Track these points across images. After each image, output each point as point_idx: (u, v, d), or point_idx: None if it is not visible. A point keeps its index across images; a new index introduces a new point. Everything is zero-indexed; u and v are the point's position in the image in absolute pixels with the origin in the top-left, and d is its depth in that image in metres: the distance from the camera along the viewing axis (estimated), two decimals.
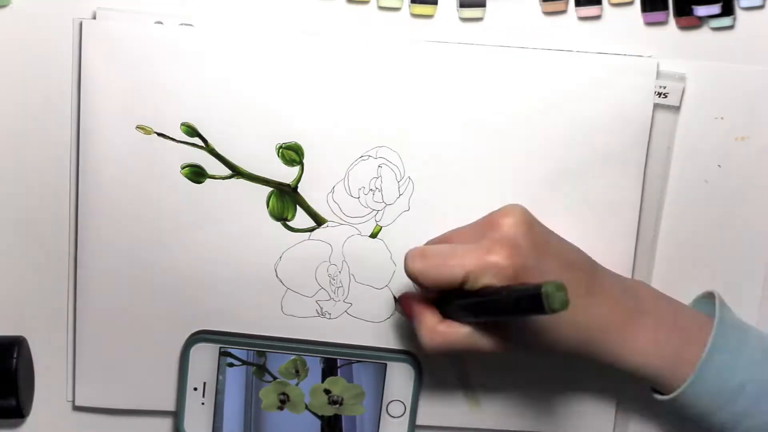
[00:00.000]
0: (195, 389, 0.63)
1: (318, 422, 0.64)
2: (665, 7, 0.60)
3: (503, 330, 0.55)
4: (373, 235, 0.62)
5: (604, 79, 0.60)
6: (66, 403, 0.65)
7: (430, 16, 0.61)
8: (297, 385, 0.63)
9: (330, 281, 0.63)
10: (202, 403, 0.63)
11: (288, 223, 0.62)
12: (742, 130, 0.62)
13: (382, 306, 0.63)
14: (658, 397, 0.58)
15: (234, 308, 0.63)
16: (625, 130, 0.61)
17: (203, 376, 0.63)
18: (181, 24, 0.60)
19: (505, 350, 0.55)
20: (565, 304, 0.46)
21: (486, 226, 0.55)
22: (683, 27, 0.61)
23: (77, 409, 0.65)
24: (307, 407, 0.64)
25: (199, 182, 0.61)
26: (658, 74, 0.60)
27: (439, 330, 0.55)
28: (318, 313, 0.63)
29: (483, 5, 0.60)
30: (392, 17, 0.61)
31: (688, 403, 0.56)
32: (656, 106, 0.61)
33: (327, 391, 0.63)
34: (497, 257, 0.52)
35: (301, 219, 0.62)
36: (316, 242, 0.62)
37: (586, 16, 0.61)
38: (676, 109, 0.61)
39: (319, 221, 0.62)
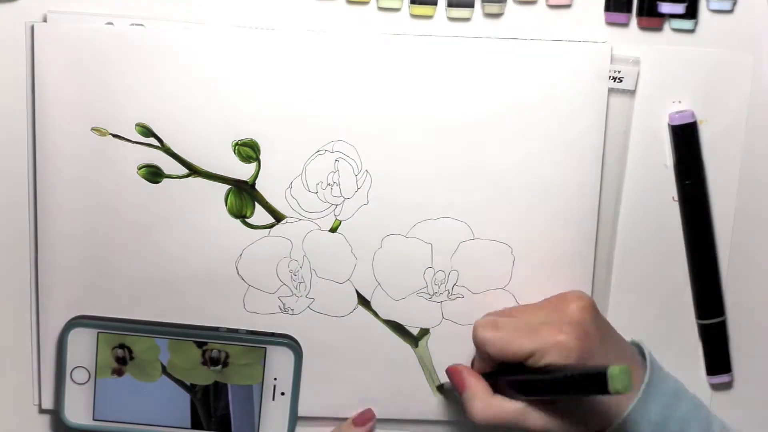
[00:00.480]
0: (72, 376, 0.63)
1: (185, 396, 0.64)
2: (629, 10, 0.60)
3: (552, 409, 0.56)
4: (333, 230, 0.62)
5: (558, 65, 0.60)
6: (33, 407, 0.65)
7: (429, 17, 0.61)
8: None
9: (291, 277, 0.63)
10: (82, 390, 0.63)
11: (247, 220, 0.62)
12: (700, 113, 0.61)
13: (344, 300, 0.63)
14: None
15: (196, 306, 0.63)
16: (582, 115, 0.61)
17: (81, 361, 0.63)
18: (132, 24, 0.60)
19: (553, 427, 0.57)
20: (627, 388, 0.49)
21: (553, 306, 0.58)
22: (644, 27, 0.61)
23: (44, 412, 0.65)
24: (164, 370, 0.63)
25: (157, 182, 0.61)
26: (612, 59, 0.60)
27: (493, 404, 0.57)
28: (281, 309, 0.63)
29: (471, 6, 0.60)
30: (392, 17, 0.61)
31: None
32: (611, 90, 0.61)
33: (202, 346, 0.62)
34: (567, 338, 0.55)
35: (260, 216, 0.62)
36: (276, 238, 0.62)
37: (555, 4, 0.60)
38: (632, 93, 0.61)
39: (278, 217, 0.62)
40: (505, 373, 0.58)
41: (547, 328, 0.56)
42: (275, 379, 0.63)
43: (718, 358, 0.65)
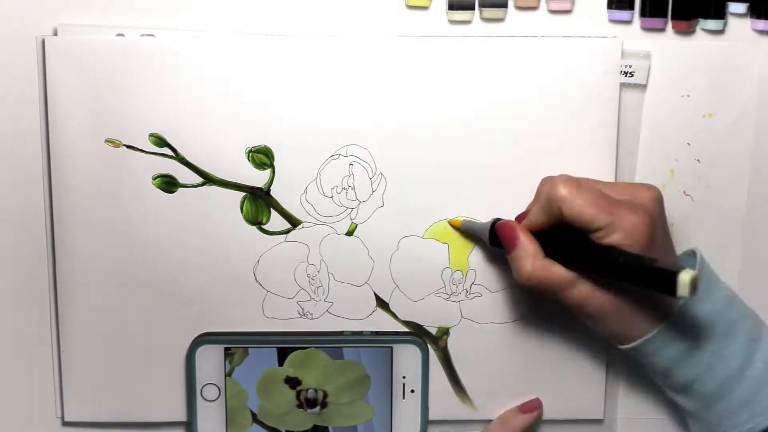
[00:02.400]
0: (202, 394, 0.63)
1: None
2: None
3: (603, 291, 0.55)
4: (349, 233, 0.62)
5: (569, 61, 0.60)
6: (55, 420, 0.65)
7: (425, 7, 0.61)
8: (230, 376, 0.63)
9: (309, 281, 0.63)
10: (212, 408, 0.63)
11: (263, 226, 0.62)
12: (708, 108, 0.62)
13: (363, 303, 0.63)
14: (623, 347, 0.57)
15: (216, 314, 0.63)
16: (594, 110, 0.61)
17: (210, 378, 0.63)
18: (143, 35, 0.60)
19: (601, 308, 0.55)
20: (691, 295, 0.48)
21: (625, 188, 0.57)
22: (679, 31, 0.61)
23: (66, 424, 0.65)
24: (255, 418, 0.63)
25: (172, 192, 0.61)
26: (623, 53, 0.60)
27: (545, 264, 0.55)
28: (299, 314, 0.63)
29: (472, 8, 0.60)
30: (399, 20, 0.61)
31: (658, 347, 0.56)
32: (623, 85, 0.61)
33: (295, 386, 0.63)
34: (640, 221, 0.53)
35: (276, 222, 0.62)
36: (293, 244, 0.62)
37: (556, 9, 0.61)
38: (643, 87, 0.61)
39: (294, 223, 0.62)
40: (559, 238, 0.56)
41: (624, 206, 0.54)
42: (404, 377, 0.63)
43: None
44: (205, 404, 0.63)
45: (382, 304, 0.63)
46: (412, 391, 0.63)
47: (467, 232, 0.62)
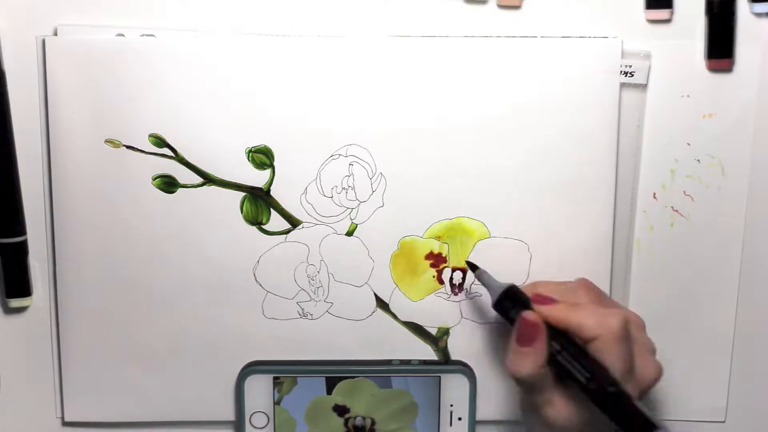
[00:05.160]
0: (251, 421, 0.64)
1: None
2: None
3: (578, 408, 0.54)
4: (349, 233, 0.62)
5: (569, 62, 0.60)
6: (55, 420, 0.65)
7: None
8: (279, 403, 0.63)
9: (309, 282, 0.63)
10: None
11: (263, 226, 0.62)
12: (708, 108, 0.62)
13: (363, 303, 0.63)
14: None
15: (215, 314, 0.63)
16: (595, 110, 0.61)
17: (259, 407, 0.63)
18: (143, 35, 0.60)
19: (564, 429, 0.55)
20: None
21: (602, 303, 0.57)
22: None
23: (66, 424, 0.65)
24: None
25: (172, 192, 0.61)
26: (623, 53, 0.60)
27: (543, 374, 0.54)
28: (300, 314, 0.63)
29: None
30: (400, 19, 0.60)
31: None
32: (623, 85, 0.61)
33: (343, 414, 0.64)
34: (616, 322, 0.53)
35: (276, 222, 0.62)
36: (293, 244, 0.62)
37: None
38: (643, 87, 0.61)
39: (294, 223, 0.62)
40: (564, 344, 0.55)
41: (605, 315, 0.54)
42: (451, 405, 0.63)
43: None
44: None
45: (382, 304, 0.63)
46: (459, 419, 0.63)
47: (479, 278, 0.61)
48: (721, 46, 0.60)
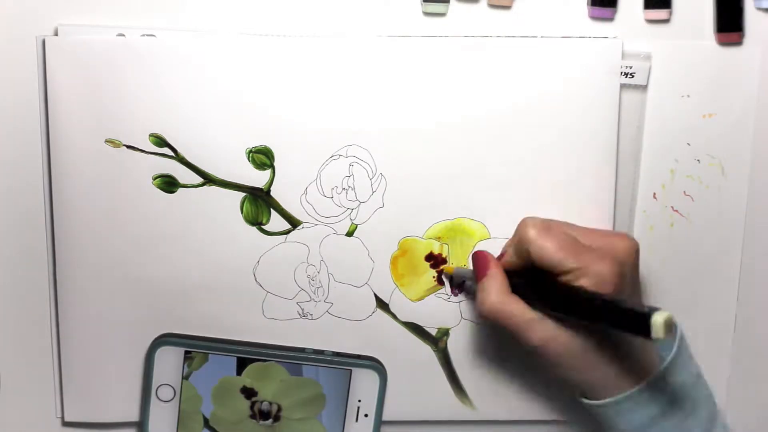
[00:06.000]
0: (157, 394, 0.63)
1: None
2: (613, 4, 0.60)
3: (562, 333, 0.54)
4: (349, 234, 0.62)
5: (570, 62, 0.60)
6: (55, 420, 0.65)
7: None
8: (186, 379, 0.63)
9: (309, 282, 0.63)
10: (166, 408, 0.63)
11: (263, 227, 0.62)
12: (708, 108, 0.62)
13: (362, 304, 0.63)
14: (592, 402, 0.56)
15: (216, 315, 0.63)
16: (595, 111, 0.61)
17: (166, 379, 0.63)
18: (143, 35, 0.60)
19: (563, 353, 0.54)
20: (666, 336, 0.48)
21: (601, 236, 0.57)
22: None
23: (66, 424, 0.65)
24: (206, 423, 0.63)
25: (172, 192, 0.61)
26: (624, 54, 0.60)
27: (509, 300, 0.55)
28: (299, 314, 0.63)
29: (447, 0, 0.60)
30: (401, 19, 0.61)
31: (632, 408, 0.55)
32: (623, 86, 0.61)
33: (251, 397, 0.63)
34: (607, 271, 0.53)
35: (276, 222, 0.62)
36: (293, 244, 0.62)
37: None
38: (644, 88, 0.61)
39: (294, 223, 0.62)
40: (532, 278, 0.56)
41: (594, 253, 0.54)
42: (359, 401, 0.63)
43: None
44: (159, 404, 0.63)
45: (382, 304, 0.63)
46: (366, 415, 0.63)
47: (456, 278, 0.62)
48: (730, 19, 0.60)
